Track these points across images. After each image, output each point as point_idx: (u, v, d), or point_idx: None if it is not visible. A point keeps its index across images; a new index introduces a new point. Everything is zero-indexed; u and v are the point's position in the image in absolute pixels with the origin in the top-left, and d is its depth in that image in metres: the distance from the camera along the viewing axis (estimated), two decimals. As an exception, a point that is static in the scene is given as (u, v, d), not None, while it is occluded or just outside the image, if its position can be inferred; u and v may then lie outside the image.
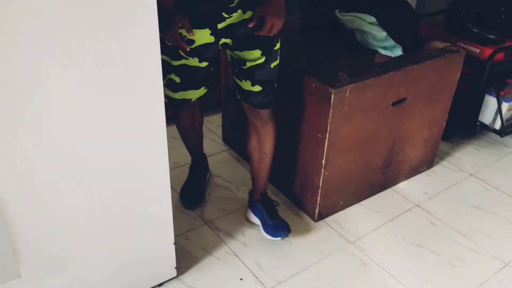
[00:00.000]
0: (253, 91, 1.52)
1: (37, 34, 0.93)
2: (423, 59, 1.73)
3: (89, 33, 0.98)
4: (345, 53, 1.77)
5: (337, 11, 1.83)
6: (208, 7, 1.35)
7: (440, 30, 2.25)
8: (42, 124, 1.02)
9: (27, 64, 0.94)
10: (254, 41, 1.43)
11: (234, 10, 1.37)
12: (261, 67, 1.47)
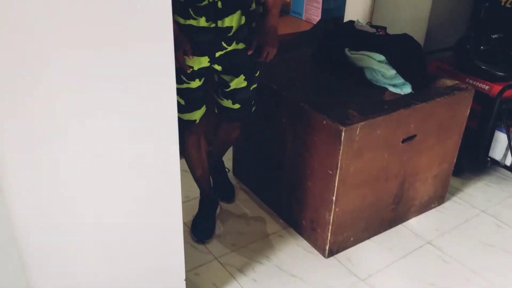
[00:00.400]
0: (232, 108, 1.74)
1: (58, 82, 0.97)
2: (433, 97, 1.76)
3: (110, 82, 1.02)
4: (355, 90, 1.80)
5: (346, 49, 1.87)
6: (210, 37, 1.55)
7: (449, 66, 2.28)
8: (61, 164, 1.05)
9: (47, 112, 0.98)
10: (239, 68, 1.66)
11: (232, 40, 1.58)
12: (242, 90, 1.70)
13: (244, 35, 1.60)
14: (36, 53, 0.93)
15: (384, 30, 1.98)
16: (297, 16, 2.81)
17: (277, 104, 1.82)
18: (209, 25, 1.54)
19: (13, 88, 0.94)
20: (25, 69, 0.93)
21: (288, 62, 2.06)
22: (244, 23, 1.59)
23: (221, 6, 1.53)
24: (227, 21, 1.55)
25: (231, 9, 1.55)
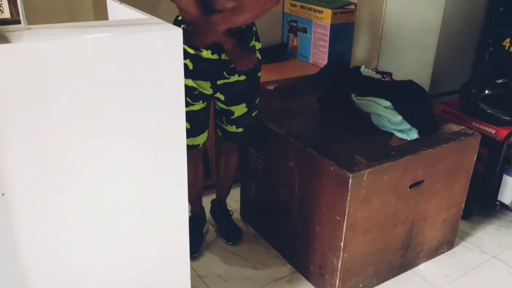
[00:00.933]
0: (236, 132, 1.90)
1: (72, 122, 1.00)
2: (439, 142, 1.77)
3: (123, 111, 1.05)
4: (361, 136, 1.82)
5: (353, 95, 1.90)
6: (213, 67, 1.74)
7: (455, 110, 2.31)
8: (68, 180, 1.07)
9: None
10: (241, 98, 1.82)
11: (234, 72, 1.76)
12: (245, 116, 1.86)
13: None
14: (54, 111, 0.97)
15: (390, 76, 2.02)
16: (304, 59, 2.87)
17: (284, 148, 1.84)
18: (214, 56, 1.73)
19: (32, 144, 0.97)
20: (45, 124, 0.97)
21: (295, 106, 2.10)
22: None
23: None
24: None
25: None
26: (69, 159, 1.02)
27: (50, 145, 0.99)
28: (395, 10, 2.24)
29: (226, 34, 1.65)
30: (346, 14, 2.66)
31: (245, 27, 1.75)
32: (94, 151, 1.05)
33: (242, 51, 1.72)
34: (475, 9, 2.68)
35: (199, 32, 1.66)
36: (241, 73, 1.78)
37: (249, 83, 1.81)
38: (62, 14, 2.31)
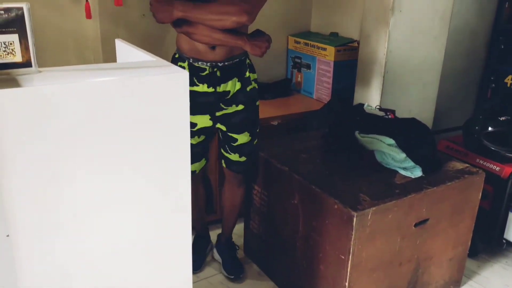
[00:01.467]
0: (239, 161, 1.94)
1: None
2: (443, 180, 1.77)
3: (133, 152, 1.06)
4: (365, 173, 1.82)
5: (357, 132, 1.92)
6: (210, 99, 1.80)
7: (458, 146, 2.31)
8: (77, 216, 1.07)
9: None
10: (243, 126, 1.88)
11: (230, 103, 1.83)
12: (247, 144, 1.92)
13: (241, 98, 1.86)
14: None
15: (393, 114, 2.03)
16: (308, 95, 2.90)
17: (288, 185, 1.84)
18: (210, 90, 1.80)
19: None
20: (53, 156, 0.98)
21: (299, 142, 2.11)
22: (239, 88, 1.84)
23: (220, 74, 1.80)
24: (224, 86, 1.82)
25: (228, 77, 1.82)
26: (75, 198, 1.03)
27: (57, 185, 1.00)
28: (397, 48, 2.28)
29: (230, 35, 1.70)
30: (349, 51, 2.70)
31: (237, 60, 1.81)
32: (100, 190, 1.06)
33: (254, 41, 1.76)
34: (477, 47, 2.73)
35: (159, 8, 1.67)
36: (238, 103, 1.85)
37: (247, 112, 1.87)
38: (70, 51, 2.36)
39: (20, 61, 1.01)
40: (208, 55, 1.78)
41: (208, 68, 1.78)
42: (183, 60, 1.82)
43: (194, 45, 1.77)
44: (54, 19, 2.25)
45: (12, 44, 0.99)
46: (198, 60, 1.78)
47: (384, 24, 2.23)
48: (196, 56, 1.79)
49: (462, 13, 2.57)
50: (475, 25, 2.65)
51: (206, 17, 1.66)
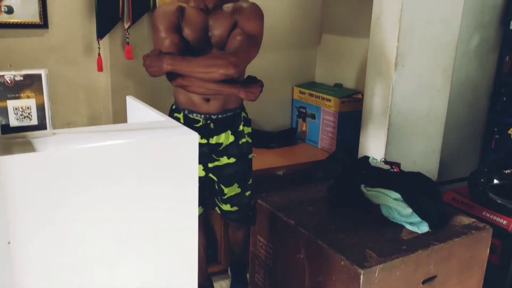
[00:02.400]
0: (231, 211, 2.01)
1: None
2: (451, 236, 1.75)
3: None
4: (372, 227, 1.81)
5: (362, 185, 1.92)
6: (203, 150, 1.86)
7: (465, 198, 2.31)
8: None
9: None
10: (233, 178, 1.93)
11: (222, 154, 1.90)
12: (237, 196, 1.97)
13: (233, 151, 1.92)
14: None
15: (398, 167, 2.05)
16: (313, 144, 2.94)
17: (294, 239, 1.83)
18: (203, 141, 1.88)
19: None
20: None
21: (304, 194, 2.11)
22: (233, 141, 1.90)
23: (213, 126, 1.87)
24: (216, 138, 1.89)
25: (222, 129, 1.88)
26: (87, 258, 1.03)
27: (67, 243, 1.01)
28: (401, 101, 2.32)
29: (226, 85, 1.77)
30: (353, 102, 2.76)
31: (232, 113, 1.86)
32: (112, 247, 1.06)
33: (248, 88, 1.82)
34: (479, 99, 2.77)
35: (150, 63, 1.74)
36: (230, 155, 1.92)
37: (239, 165, 1.92)
38: (81, 102, 2.42)
39: (36, 124, 1.05)
40: (202, 107, 1.84)
41: (202, 120, 1.85)
42: (179, 111, 1.89)
43: (190, 97, 1.84)
44: (66, 72, 2.33)
45: (29, 108, 1.03)
46: (192, 112, 1.85)
47: (387, 78, 2.28)
48: (191, 108, 1.86)
49: (464, 67, 2.63)
50: (477, 78, 2.71)
51: (195, 70, 1.71)
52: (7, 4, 2.12)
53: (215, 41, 1.82)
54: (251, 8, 1.82)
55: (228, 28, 1.80)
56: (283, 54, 2.94)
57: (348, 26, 2.87)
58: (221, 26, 1.80)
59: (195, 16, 1.81)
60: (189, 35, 1.81)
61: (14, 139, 1.00)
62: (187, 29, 1.80)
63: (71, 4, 2.27)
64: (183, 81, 1.76)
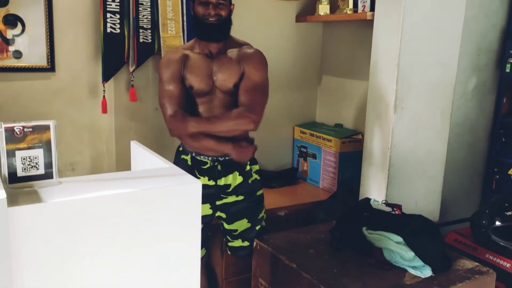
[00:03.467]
0: (243, 246, 1.99)
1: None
2: (454, 281, 1.74)
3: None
4: (374, 272, 1.80)
5: (364, 228, 1.92)
6: (211, 191, 1.90)
7: (467, 240, 2.29)
8: None
9: None
10: (242, 214, 1.94)
11: (231, 194, 1.92)
12: (248, 230, 1.96)
13: (242, 190, 1.93)
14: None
15: (400, 209, 2.05)
16: (314, 183, 2.94)
17: (296, 282, 1.82)
18: (211, 183, 1.89)
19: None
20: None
21: (306, 236, 2.10)
22: (241, 181, 1.92)
23: (221, 168, 1.89)
24: (224, 180, 1.90)
25: (229, 171, 1.89)
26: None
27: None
28: (401, 143, 2.35)
29: (223, 143, 1.84)
30: (354, 143, 2.78)
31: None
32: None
33: (241, 148, 1.88)
34: (478, 140, 2.80)
35: (176, 126, 1.83)
36: (239, 194, 1.92)
37: (248, 202, 1.94)
38: (85, 142, 2.44)
39: (43, 173, 1.07)
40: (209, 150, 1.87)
41: (209, 162, 1.87)
42: (186, 153, 1.92)
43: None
44: (71, 113, 2.37)
45: (37, 158, 1.05)
46: (200, 154, 1.88)
47: (387, 120, 2.31)
48: (198, 150, 1.88)
49: (462, 108, 2.67)
50: (476, 119, 2.75)
51: (218, 130, 1.82)
52: (16, 49, 2.18)
53: (219, 84, 1.88)
54: (257, 57, 1.89)
55: (234, 74, 1.87)
56: (284, 94, 2.99)
57: (347, 68, 2.94)
58: (226, 71, 1.86)
59: (199, 61, 1.87)
60: (193, 80, 1.86)
61: (21, 188, 1.02)
62: (191, 75, 1.86)
63: (78, 48, 2.34)
64: (192, 141, 1.88)
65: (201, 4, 1.83)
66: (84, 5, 2.31)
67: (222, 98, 1.89)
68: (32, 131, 1.04)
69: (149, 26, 2.37)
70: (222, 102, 1.89)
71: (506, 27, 2.69)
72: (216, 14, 1.80)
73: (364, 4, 2.49)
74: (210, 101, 1.90)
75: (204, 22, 1.82)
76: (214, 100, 1.90)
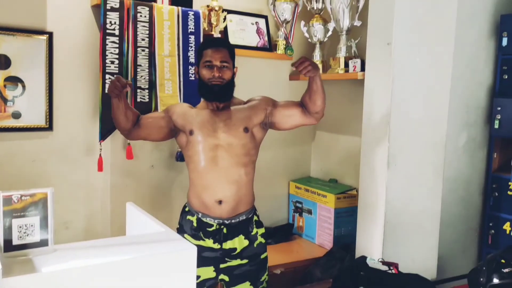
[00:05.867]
0: None
1: None
2: None
3: None
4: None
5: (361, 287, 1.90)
6: (215, 255, 1.87)
7: (466, 298, 2.26)
8: None
9: None
10: (245, 277, 1.90)
11: (235, 257, 1.89)
12: None
13: (247, 253, 1.91)
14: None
15: (396, 267, 2.03)
16: (310, 239, 2.92)
17: None
18: (216, 246, 1.87)
19: None
20: None
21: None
22: (247, 245, 1.91)
23: (226, 231, 1.87)
24: (230, 243, 1.88)
25: (234, 234, 1.88)
26: None
27: None
28: (395, 199, 2.36)
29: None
30: (349, 198, 2.79)
31: (244, 218, 1.88)
32: None
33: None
34: (472, 194, 2.82)
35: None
36: (243, 257, 1.90)
37: (251, 265, 1.91)
38: (79, 201, 2.44)
39: (38, 241, 1.07)
40: (215, 211, 1.87)
41: (215, 224, 1.87)
42: (192, 214, 1.91)
43: (203, 199, 1.88)
44: (67, 171, 2.38)
45: (33, 226, 1.06)
46: (206, 216, 1.87)
47: (381, 177, 2.34)
48: (204, 211, 1.89)
49: (454, 164, 2.71)
50: (468, 174, 2.78)
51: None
52: (15, 110, 2.22)
53: (222, 136, 1.93)
54: (267, 98, 2.09)
55: (241, 121, 1.94)
56: (279, 150, 3.03)
57: (340, 124, 3.00)
58: (231, 123, 1.93)
59: (206, 112, 1.95)
60: (198, 130, 1.90)
61: (16, 257, 1.01)
62: (196, 125, 1.92)
63: (76, 108, 2.39)
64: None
65: (206, 67, 1.91)
66: (83, 67, 2.38)
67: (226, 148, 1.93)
68: (29, 199, 1.05)
69: (146, 86, 2.44)
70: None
71: (493, 85, 2.78)
72: (220, 77, 1.88)
73: (355, 65, 2.59)
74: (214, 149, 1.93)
75: (209, 84, 1.89)
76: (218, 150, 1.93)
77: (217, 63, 1.90)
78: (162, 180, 2.63)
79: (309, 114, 1.98)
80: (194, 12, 2.56)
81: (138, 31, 2.40)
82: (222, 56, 1.91)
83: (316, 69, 1.87)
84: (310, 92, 1.92)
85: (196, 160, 1.91)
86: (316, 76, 1.88)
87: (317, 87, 1.89)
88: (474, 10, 2.70)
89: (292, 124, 2.04)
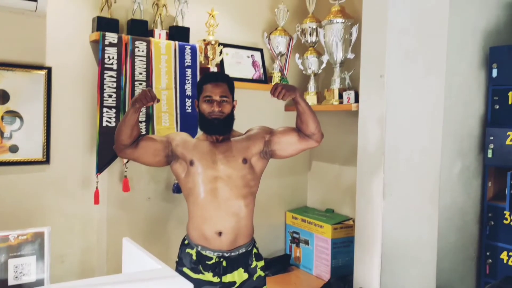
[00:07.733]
0: None
1: None
2: None
3: None
4: None
5: (359, 321, 1.88)
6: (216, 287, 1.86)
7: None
8: None
9: None
10: None
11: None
12: None
13: (246, 287, 1.89)
14: None
15: (394, 300, 2.02)
16: (307, 271, 2.90)
17: None
18: (215, 279, 1.85)
19: None
20: None
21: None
22: (246, 278, 1.90)
23: (226, 264, 1.86)
24: (230, 277, 1.87)
25: (234, 267, 1.88)
26: None
27: None
28: (392, 229, 2.37)
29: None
30: (346, 228, 2.79)
31: (244, 250, 1.88)
32: None
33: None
34: (467, 223, 2.83)
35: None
36: None
37: None
38: (75, 234, 2.43)
39: (34, 281, 1.07)
40: (215, 243, 1.86)
41: (214, 257, 1.86)
42: (191, 247, 1.90)
43: (203, 232, 1.88)
44: (63, 204, 2.38)
45: (29, 265, 1.06)
46: (206, 249, 1.87)
47: (377, 207, 2.35)
48: (204, 244, 1.88)
49: (449, 193, 2.73)
50: (463, 203, 2.80)
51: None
52: (13, 143, 2.24)
53: (221, 163, 1.94)
54: (265, 127, 2.12)
55: (239, 153, 1.96)
56: (275, 180, 3.04)
57: (336, 154, 3.02)
58: (230, 155, 1.95)
59: (205, 143, 1.98)
60: (197, 161, 1.92)
61: (11, 298, 1.01)
62: (196, 156, 1.94)
63: (73, 141, 2.40)
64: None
65: (206, 102, 1.94)
66: (81, 100, 2.41)
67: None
68: (26, 238, 1.05)
69: (143, 119, 2.47)
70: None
71: (485, 115, 2.83)
72: (220, 111, 1.91)
73: (349, 97, 2.63)
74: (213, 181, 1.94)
75: (209, 118, 1.92)
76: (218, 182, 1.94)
77: (217, 97, 1.93)
78: (159, 212, 2.62)
79: (307, 137, 1.99)
80: (190, 46, 2.61)
81: (135, 65, 2.44)
82: (222, 91, 1.94)
83: (292, 91, 1.90)
84: (299, 115, 1.97)
85: (196, 192, 1.91)
86: (297, 97, 1.91)
87: (302, 108, 1.93)
88: (464, 43, 2.77)
89: (292, 150, 2.05)
